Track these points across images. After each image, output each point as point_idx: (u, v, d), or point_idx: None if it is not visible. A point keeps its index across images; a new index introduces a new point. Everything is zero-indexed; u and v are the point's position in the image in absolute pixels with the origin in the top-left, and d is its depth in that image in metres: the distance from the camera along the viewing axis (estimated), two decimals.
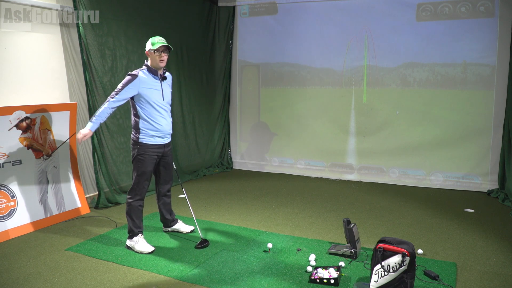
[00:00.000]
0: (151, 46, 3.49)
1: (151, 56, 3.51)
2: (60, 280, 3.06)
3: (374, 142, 6.09)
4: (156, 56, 3.48)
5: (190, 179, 6.08)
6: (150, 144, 3.55)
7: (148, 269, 3.23)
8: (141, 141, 3.53)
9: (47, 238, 3.90)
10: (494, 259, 3.37)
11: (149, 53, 3.51)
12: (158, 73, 3.56)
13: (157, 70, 3.55)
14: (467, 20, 5.40)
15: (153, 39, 3.51)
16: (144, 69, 3.53)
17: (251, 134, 6.99)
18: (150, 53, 3.50)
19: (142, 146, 3.53)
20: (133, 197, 3.60)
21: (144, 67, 3.55)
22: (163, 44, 3.48)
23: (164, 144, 3.66)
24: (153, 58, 3.51)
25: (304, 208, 4.81)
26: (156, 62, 3.51)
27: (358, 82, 6.10)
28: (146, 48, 3.53)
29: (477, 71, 5.44)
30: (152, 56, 3.51)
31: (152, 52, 3.49)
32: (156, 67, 3.54)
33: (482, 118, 5.46)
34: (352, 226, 3.38)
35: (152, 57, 3.50)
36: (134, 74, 3.45)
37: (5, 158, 3.93)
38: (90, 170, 4.91)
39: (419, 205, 4.87)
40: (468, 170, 5.58)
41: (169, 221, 3.99)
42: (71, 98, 4.69)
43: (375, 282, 2.80)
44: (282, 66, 6.60)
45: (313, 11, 6.28)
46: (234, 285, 2.99)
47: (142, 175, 3.57)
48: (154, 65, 3.53)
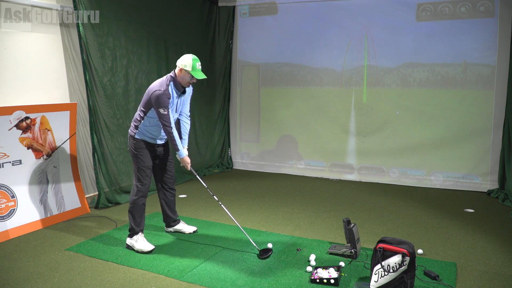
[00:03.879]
0: (190, 69, 3.44)
1: (183, 74, 3.47)
2: (60, 280, 3.06)
3: (374, 142, 6.09)
4: (188, 78, 3.48)
5: (190, 179, 6.08)
6: (144, 141, 3.63)
7: (148, 269, 3.23)
8: (137, 137, 3.61)
9: (47, 238, 3.90)
10: (494, 259, 3.37)
11: (183, 71, 3.46)
12: (181, 89, 3.56)
13: (182, 87, 3.55)
14: (467, 20, 5.40)
15: (195, 63, 3.46)
16: (171, 84, 3.49)
17: (251, 134, 6.99)
18: (185, 71, 3.45)
19: (137, 142, 3.61)
20: (136, 194, 3.62)
21: (171, 81, 3.50)
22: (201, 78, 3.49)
23: (159, 144, 3.72)
24: (184, 77, 3.48)
25: (304, 208, 4.81)
26: (186, 82, 3.51)
27: (358, 82, 6.10)
28: (182, 63, 3.45)
29: (477, 71, 5.44)
30: (184, 75, 3.47)
31: (186, 72, 3.45)
32: (183, 85, 3.53)
33: (482, 118, 5.46)
34: (352, 226, 3.38)
35: (184, 76, 3.47)
36: (168, 93, 3.42)
37: (5, 158, 3.93)
38: (90, 170, 4.91)
39: (419, 205, 4.87)
40: (468, 170, 5.58)
41: (171, 220, 4.00)
42: (71, 98, 4.69)
43: (375, 282, 2.80)
44: (282, 66, 6.60)
45: (313, 11, 6.27)
46: (234, 285, 2.99)
47: (142, 170, 3.61)
48: (182, 83, 3.51)
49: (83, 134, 4.82)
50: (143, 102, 3.56)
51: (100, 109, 4.74)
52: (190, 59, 3.46)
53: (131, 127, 3.66)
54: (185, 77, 3.48)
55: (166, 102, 3.40)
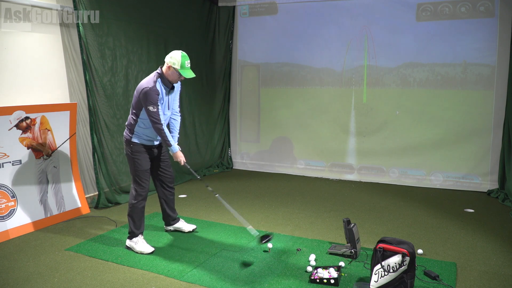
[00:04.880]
0: (178, 67, 3.38)
1: (172, 71, 3.42)
2: (60, 280, 3.06)
3: (374, 142, 6.09)
4: (177, 75, 3.44)
5: (190, 179, 6.08)
6: (142, 144, 3.59)
7: (148, 269, 3.23)
8: (134, 141, 3.57)
9: (47, 238, 3.89)
10: (494, 259, 3.37)
11: (171, 68, 3.41)
12: (169, 85, 3.52)
13: (170, 83, 3.51)
14: (467, 20, 5.40)
15: (184, 61, 3.39)
16: (159, 80, 3.44)
17: (251, 134, 6.99)
18: (173, 69, 3.41)
19: (135, 145, 3.56)
20: (135, 198, 3.59)
21: (159, 78, 3.44)
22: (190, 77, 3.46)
23: (156, 144, 3.70)
24: (173, 74, 3.43)
25: (304, 208, 4.81)
26: (175, 79, 3.47)
27: (358, 82, 6.10)
28: (171, 61, 3.39)
29: (477, 71, 5.44)
30: (172, 72, 3.42)
31: (175, 70, 3.41)
32: (171, 82, 3.49)
33: (482, 118, 5.46)
34: (352, 226, 3.38)
35: (173, 73, 3.42)
36: (156, 90, 3.37)
37: (5, 158, 3.93)
38: (90, 170, 4.91)
39: (419, 205, 4.87)
40: (468, 170, 5.58)
41: (171, 219, 3.99)
42: (71, 98, 4.69)
43: (375, 282, 2.80)
44: (282, 66, 6.60)
45: (313, 11, 6.27)
46: (234, 285, 2.99)
47: (140, 174, 3.59)
48: (171, 80, 3.47)
49: (83, 134, 4.82)
50: (134, 103, 3.51)
51: (100, 109, 4.74)
52: (179, 57, 3.39)
53: (125, 131, 3.61)
54: (173, 73, 3.43)
55: (155, 98, 3.35)
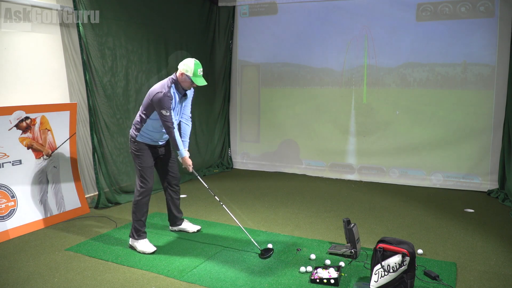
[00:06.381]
0: (191, 74, 3.43)
1: (184, 78, 3.46)
2: (60, 280, 3.06)
3: (374, 142, 6.09)
4: (189, 82, 3.48)
5: (190, 179, 6.08)
6: (146, 144, 3.63)
7: (148, 269, 3.23)
8: (138, 139, 3.61)
9: (47, 238, 3.90)
10: (494, 259, 3.37)
11: (184, 75, 3.45)
12: (182, 91, 3.56)
13: (183, 89, 3.55)
14: (467, 20, 5.40)
15: (196, 68, 3.44)
16: (173, 86, 3.48)
17: (251, 134, 6.99)
18: (186, 76, 3.45)
19: (139, 144, 3.61)
20: (140, 195, 3.61)
21: (173, 83, 3.49)
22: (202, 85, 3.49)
23: (160, 144, 3.73)
24: (185, 81, 3.47)
25: (304, 208, 4.81)
26: (187, 86, 3.52)
27: (358, 82, 6.10)
28: (184, 68, 3.44)
29: (477, 71, 5.44)
30: (185, 79, 3.46)
31: (187, 77, 3.45)
32: (184, 88, 3.54)
33: (482, 118, 5.46)
34: (352, 226, 3.38)
35: (185, 80, 3.47)
36: (170, 95, 3.41)
37: (5, 158, 3.93)
38: (90, 170, 4.91)
39: (419, 205, 4.87)
40: (468, 170, 5.58)
41: (176, 219, 4.00)
42: (71, 98, 4.69)
43: (375, 282, 2.80)
44: (282, 66, 6.60)
45: (313, 11, 6.27)
46: (234, 285, 2.99)
47: (145, 171, 3.61)
48: (184, 86, 3.52)
49: (83, 134, 4.82)
50: (144, 104, 3.56)
51: (100, 109, 4.75)
52: (192, 64, 3.45)
53: (132, 129, 3.65)
54: (186, 80, 3.48)
55: (168, 103, 3.39)
